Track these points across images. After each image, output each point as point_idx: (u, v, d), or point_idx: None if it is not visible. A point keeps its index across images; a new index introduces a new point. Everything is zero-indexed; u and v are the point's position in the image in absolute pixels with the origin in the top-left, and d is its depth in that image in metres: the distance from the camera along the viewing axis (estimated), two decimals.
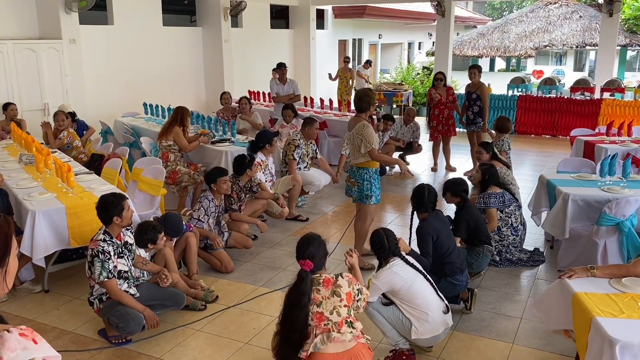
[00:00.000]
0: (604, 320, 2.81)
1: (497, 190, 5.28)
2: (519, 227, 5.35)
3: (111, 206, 3.93)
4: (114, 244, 3.93)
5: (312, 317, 3.04)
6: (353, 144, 5.07)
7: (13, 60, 8.55)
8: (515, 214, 5.32)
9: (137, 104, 10.19)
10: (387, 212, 7.14)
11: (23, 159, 6.26)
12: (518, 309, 4.51)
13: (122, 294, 3.90)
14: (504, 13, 34.11)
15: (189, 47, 12.49)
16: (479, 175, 5.40)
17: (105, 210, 3.94)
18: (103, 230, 3.95)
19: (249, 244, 5.64)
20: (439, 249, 4.16)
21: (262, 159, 6.51)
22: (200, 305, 4.53)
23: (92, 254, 3.85)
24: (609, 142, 7.26)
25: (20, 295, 4.79)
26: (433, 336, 3.62)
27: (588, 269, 3.33)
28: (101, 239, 3.88)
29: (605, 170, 5.33)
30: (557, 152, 10.27)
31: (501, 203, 5.25)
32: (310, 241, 3.15)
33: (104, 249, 3.84)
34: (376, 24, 21.43)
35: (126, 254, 4.04)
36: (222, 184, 5.31)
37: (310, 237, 3.20)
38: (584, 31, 17.32)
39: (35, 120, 8.12)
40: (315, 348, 3.01)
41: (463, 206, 4.81)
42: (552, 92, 13.03)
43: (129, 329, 3.90)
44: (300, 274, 3.07)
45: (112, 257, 3.86)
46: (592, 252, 4.77)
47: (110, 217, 3.92)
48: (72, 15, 9.20)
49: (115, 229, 3.98)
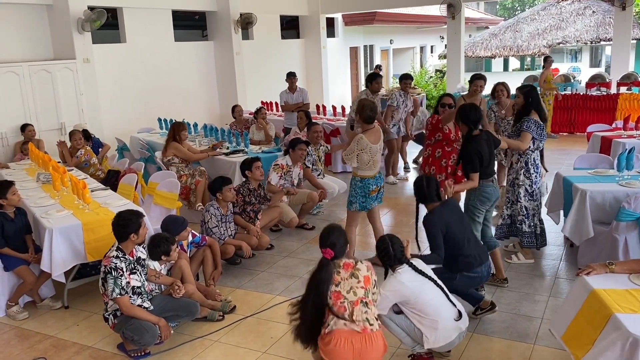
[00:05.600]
0: (623, 316, 2.75)
1: (538, 119, 5.06)
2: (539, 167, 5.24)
3: (129, 223, 3.95)
4: (126, 260, 3.94)
5: (330, 295, 3.17)
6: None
7: (29, 82, 8.71)
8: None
9: (152, 120, 10.31)
10: (399, 217, 7.10)
11: (40, 177, 6.37)
12: (538, 309, 4.44)
13: (135, 308, 3.91)
14: (516, 12, 33.88)
15: (201, 61, 12.61)
16: (521, 99, 5.16)
17: (123, 227, 3.94)
18: (116, 247, 3.97)
19: (265, 241, 5.79)
20: (450, 241, 3.94)
21: (286, 163, 6.49)
22: (217, 316, 4.54)
23: (106, 271, 3.87)
24: (627, 137, 7.14)
25: (41, 311, 4.85)
26: (446, 343, 3.56)
27: (606, 265, 3.27)
28: (114, 256, 3.90)
29: (623, 164, 5.24)
30: (574, 149, 10.13)
31: (538, 135, 5.05)
32: (332, 231, 3.30)
33: (117, 266, 3.86)
34: (387, 30, 21.43)
35: (139, 269, 4.05)
36: (227, 192, 5.34)
37: (332, 227, 3.35)
38: (598, 26, 17.09)
39: (53, 140, 8.24)
40: (332, 327, 3.17)
41: (471, 138, 4.53)
42: (567, 88, 12.88)
43: (144, 341, 3.92)
44: (322, 261, 3.24)
45: (124, 274, 3.88)
46: (613, 248, 4.67)
47: (127, 234, 3.94)
48: (85, 35, 9.34)
49: (130, 245, 3.99)
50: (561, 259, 5.44)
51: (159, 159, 7.50)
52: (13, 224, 4.79)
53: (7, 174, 6.82)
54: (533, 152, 5.16)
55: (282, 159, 6.52)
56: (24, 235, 4.90)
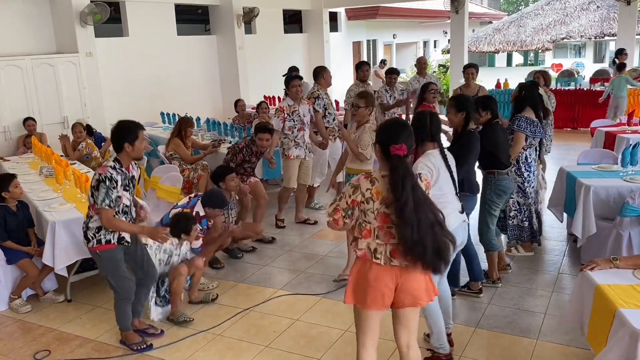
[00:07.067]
0: (628, 311, 2.74)
1: (532, 116, 4.93)
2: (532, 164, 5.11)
3: (126, 132, 3.72)
4: (123, 174, 3.74)
5: (376, 216, 2.74)
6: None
7: (32, 75, 8.70)
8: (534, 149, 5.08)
9: (155, 114, 10.30)
10: None
11: (43, 171, 6.37)
12: (541, 304, 4.43)
13: (117, 221, 3.70)
14: (520, 7, 33.75)
15: (204, 56, 12.59)
16: (516, 91, 5.08)
17: (119, 134, 3.73)
18: (113, 158, 3.78)
19: (259, 230, 5.72)
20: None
21: (287, 104, 6.27)
22: (211, 298, 4.69)
23: (99, 179, 3.65)
24: (631, 132, 7.11)
25: (44, 305, 4.86)
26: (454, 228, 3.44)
27: (611, 260, 3.25)
28: (111, 166, 3.71)
29: (627, 160, 5.21)
30: (578, 145, 10.09)
31: (532, 132, 4.89)
32: (406, 127, 2.88)
33: (113, 177, 3.66)
34: (390, 24, 21.36)
35: (130, 188, 3.88)
36: (230, 181, 5.33)
37: (403, 122, 2.99)
38: (602, 21, 17.01)
39: (56, 134, 8.24)
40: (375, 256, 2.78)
41: (490, 125, 4.50)
42: (570, 84, 12.84)
43: (124, 287, 3.91)
44: (394, 161, 2.71)
45: (117, 187, 3.68)
46: (617, 244, 4.65)
47: (121, 143, 3.72)
48: (87, 28, 9.33)
49: (126, 158, 3.78)
50: (564, 255, 5.42)
51: (162, 153, 7.50)
52: (15, 217, 4.80)
53: (10, 167, 6.82)
54: (525, 150, 5.01)
55: (283, 101, 6.36)
56: (26, 228, 4.90)
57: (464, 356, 3.78)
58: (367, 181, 2.77)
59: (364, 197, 2.76)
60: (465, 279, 4.61)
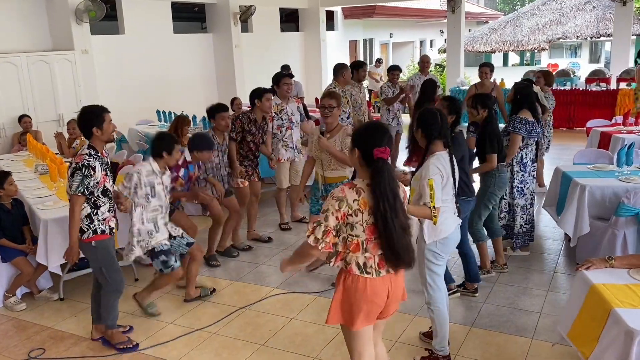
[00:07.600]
0: (623, 311, 2.75)
1: (529, 117, 4.92)
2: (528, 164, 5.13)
3: (92, 116, 3.70)
4: (100, 159, 3.72)
5: (365, 228, 2.60)
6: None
7: (27, 73, 8.67)
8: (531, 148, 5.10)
9: (151, 112, 10.27)
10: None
11: (38, 169, 6.35)
12: (537, 303, 4.44)
13: (78, 212, 3.66)
14: (516, 7, 33.80)
15: (200, 54, 12.56)
16: (511, 94, 5.09)
17: (85, 120, 3.71)
18: (87, 145, 3.75)
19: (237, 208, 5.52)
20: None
21: (274, 103, 6.05)
22: (209, 292, 4.75)
23: (75, 167, 3.63)
24: (626, 132, 7.14)
25: (38, 303, 4.84)
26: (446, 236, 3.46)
27: (606, 259, 3.26)
28: (86, 154, 3.68)
29: (623, 160, 5.24)
30: (573, 145, 10.12)
31: (528, 133, 4.90)
32: (386, 130, 2.70)
33: (90, 164, 3.63)
34: (387, 23, 21.37)
35: (109, 174, 3.85)
36: (220, 120, 5.25)
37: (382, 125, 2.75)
38: (598, 22, 17.05)
39: (51, 131, 8.22)
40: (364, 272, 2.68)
41: (490, 122, 4.56)
42: (566, 84, 12.87)
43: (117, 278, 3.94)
44: (378, 164, 2.57)
45: (95, 174, 3.66)
46: (612, 244, 4.67)
47: (89, 128, 3.69)
48: (83, 26, 9.30)
49: (98, 143, 3.75)
50: (560, 254, 5.44)
51: None
52: (10, 215, 4.77)
53: (5, 165, 6.79)
54: (521, 151, 5.03)
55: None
56: (21, 226, 4.88)
57: (460, 355, 3.79)
58: (353, 191, 2.59)
59: (351, 209, 2.58)
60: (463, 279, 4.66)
